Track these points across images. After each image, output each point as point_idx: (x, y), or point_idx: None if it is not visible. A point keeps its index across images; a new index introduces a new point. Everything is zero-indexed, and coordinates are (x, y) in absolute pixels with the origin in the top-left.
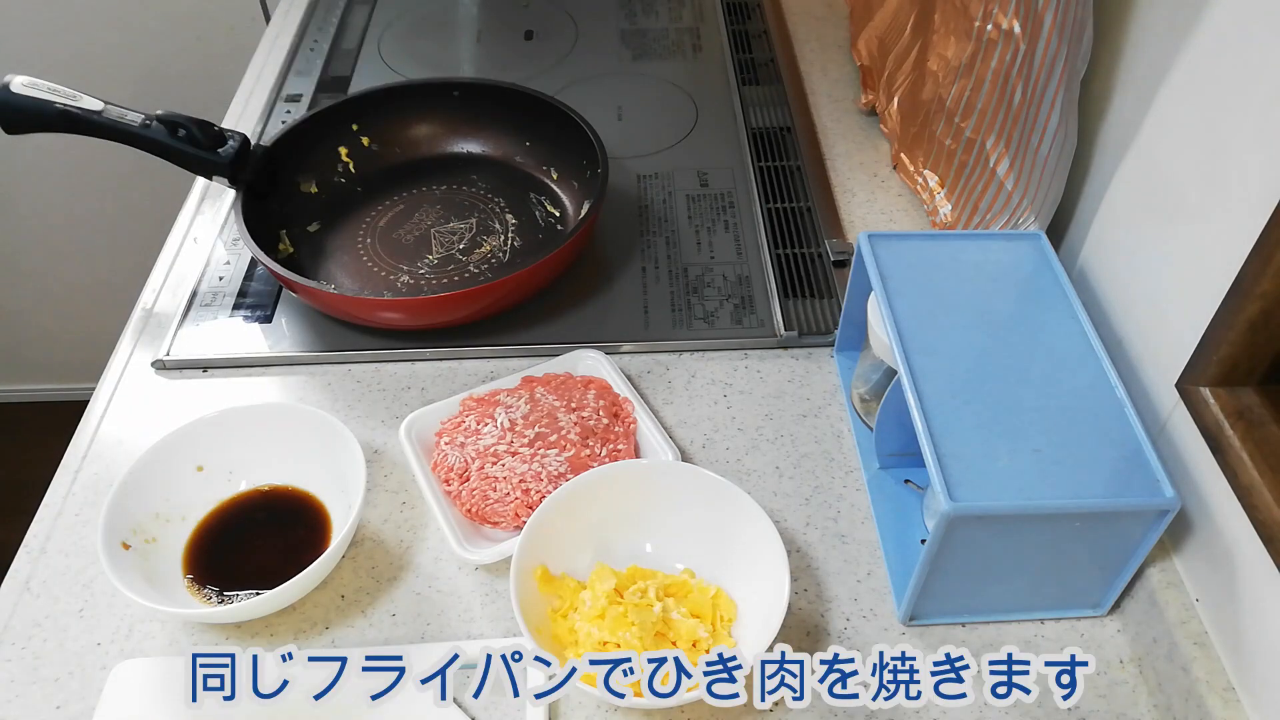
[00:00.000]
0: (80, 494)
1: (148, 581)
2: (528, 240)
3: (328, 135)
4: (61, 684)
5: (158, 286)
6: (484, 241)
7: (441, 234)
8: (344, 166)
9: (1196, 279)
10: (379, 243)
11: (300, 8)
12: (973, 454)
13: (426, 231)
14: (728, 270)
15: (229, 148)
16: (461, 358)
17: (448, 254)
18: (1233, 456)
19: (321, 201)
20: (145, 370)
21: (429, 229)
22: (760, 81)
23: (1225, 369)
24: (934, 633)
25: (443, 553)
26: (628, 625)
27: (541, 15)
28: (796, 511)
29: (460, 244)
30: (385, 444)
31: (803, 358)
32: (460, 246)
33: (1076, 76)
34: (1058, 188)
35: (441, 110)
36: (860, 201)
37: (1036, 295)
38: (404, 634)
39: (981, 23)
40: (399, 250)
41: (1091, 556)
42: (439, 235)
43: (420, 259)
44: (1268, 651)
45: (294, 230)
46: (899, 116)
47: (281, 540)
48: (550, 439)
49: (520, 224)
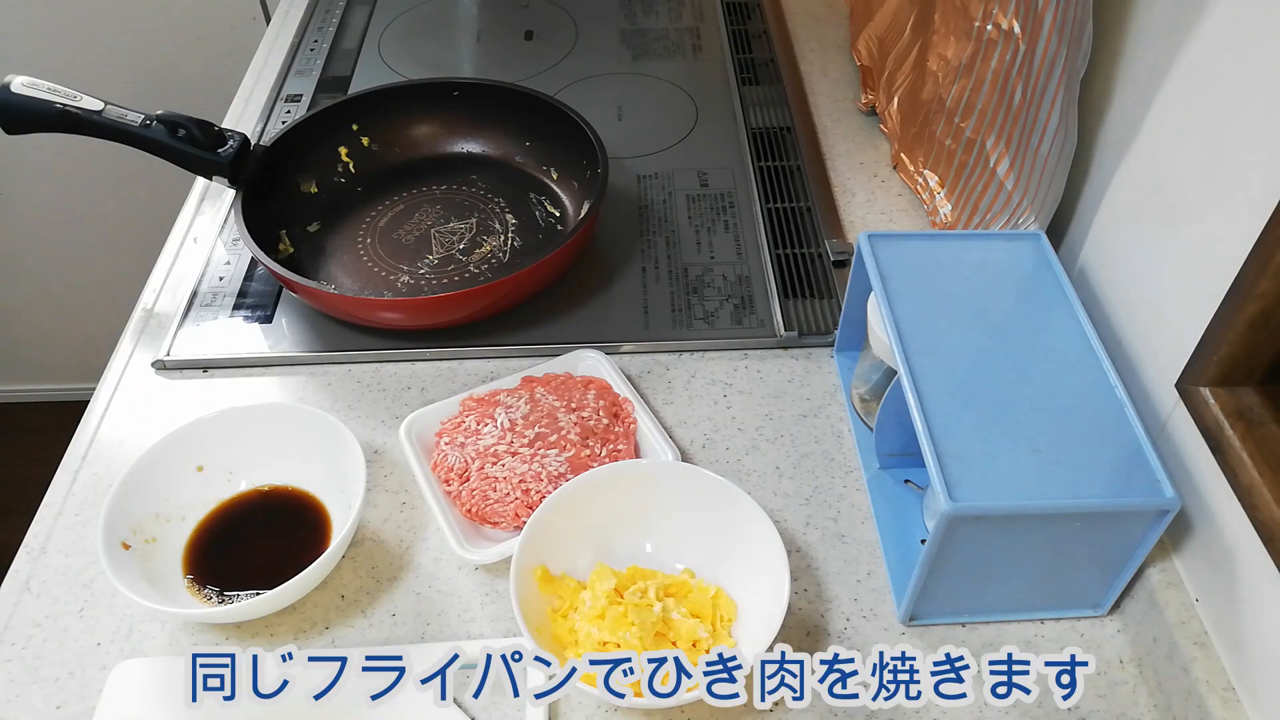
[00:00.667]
0: (80, 494)
1: (148, 581)
2: (528, 240)
3: (328, 135)
4: (61, 684)
5: (158, 286)
6: (484, 241)
7: (442, 234)
8: (344, 166)
9: (1196, 279)
10: (379, 243)
11: (300, 8)
12: (973, 454)
13: (426, 232)
14: (728, 270)
15: (229, 148)
16: (461, 358)
17: (448, 254)
18: (1233, 456)
19: (321, 201)
20: (145, 370)
21: (429, 229)
22: (760, 81)
23: (1225, 369)
24: (934, 633)
25: (443, 553)
26: (628, 625)
27: (541, 15)
28: (796, 511)
29: (460, 244)
30: (385, 444)
31: (803, 358)
32: (460, 247)
33: (1076, 76)
34: (1058, 188)
35: (441, 110)
36: (860, 201)
37: (1036, 295)
38: (404, 634)
39: (981, 23)
40: (399, 250)
41: (1091, 556)
42: (439, 235)
43: (420, 259)
44: (1268, 651)
45: (294, 230)
46: (899, 116)
47: (281, 540)
48: (550, 439)
49: (520, 224)
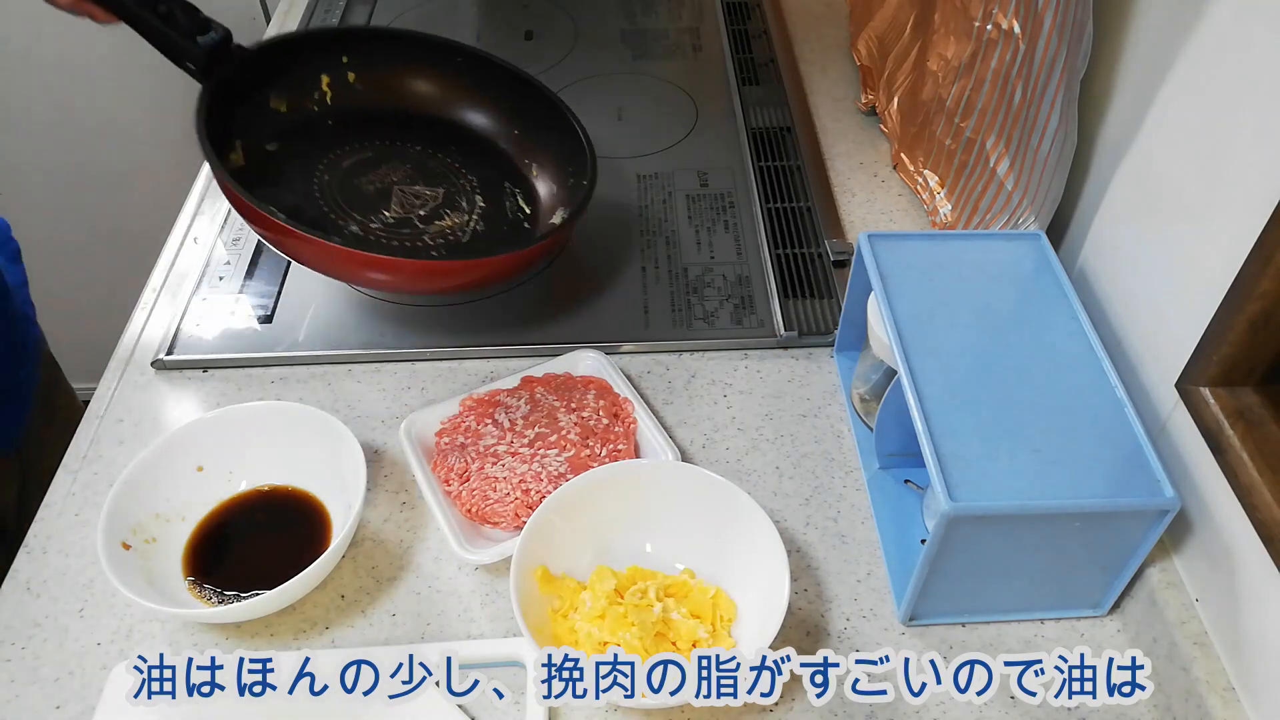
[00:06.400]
0: (80, 494)
1: (148, 582)
2: (491, 228)
3: (314, 59)
4: (61, 684)
5: (158, 287)
6: (446, 215)
7: (405, 194)
8: (321, 95)
9: (1196, 279)
10: (337, 184)
11: (300, 8)
12: (973, 454)
13: (390, 187)
14: (728, 270)
15: (210, 38)
16: (461, 358)
17: (406, 216)
18: (1233, 456)
19: (288, 123)
20: (145, 370)
21: (393, 185)
22: (760, 81)
23: (1225, 369)
24: (934, 633)
25: (443, 553)
26: (628, 626)
27: (541, 15)
28: (796, 511)
29: (421, 210)
30: (385, 444)
31: (803, 358)
32: (421, 213)
33: (1076, 76)
34: (1058, 188)
35: (439, 71)
36: (860, 201)
37: (1036, 295)
38: (404, 634)
39: (981, 23)
40: (355, 198)
41: (1091, 556)
42: (402, 195)
43: (375, 213)
44: (1268, 651)
45: (251, 142)
46: (899, 116)
47: (281, 540)
48: (550, 439)
49: (488, 210)
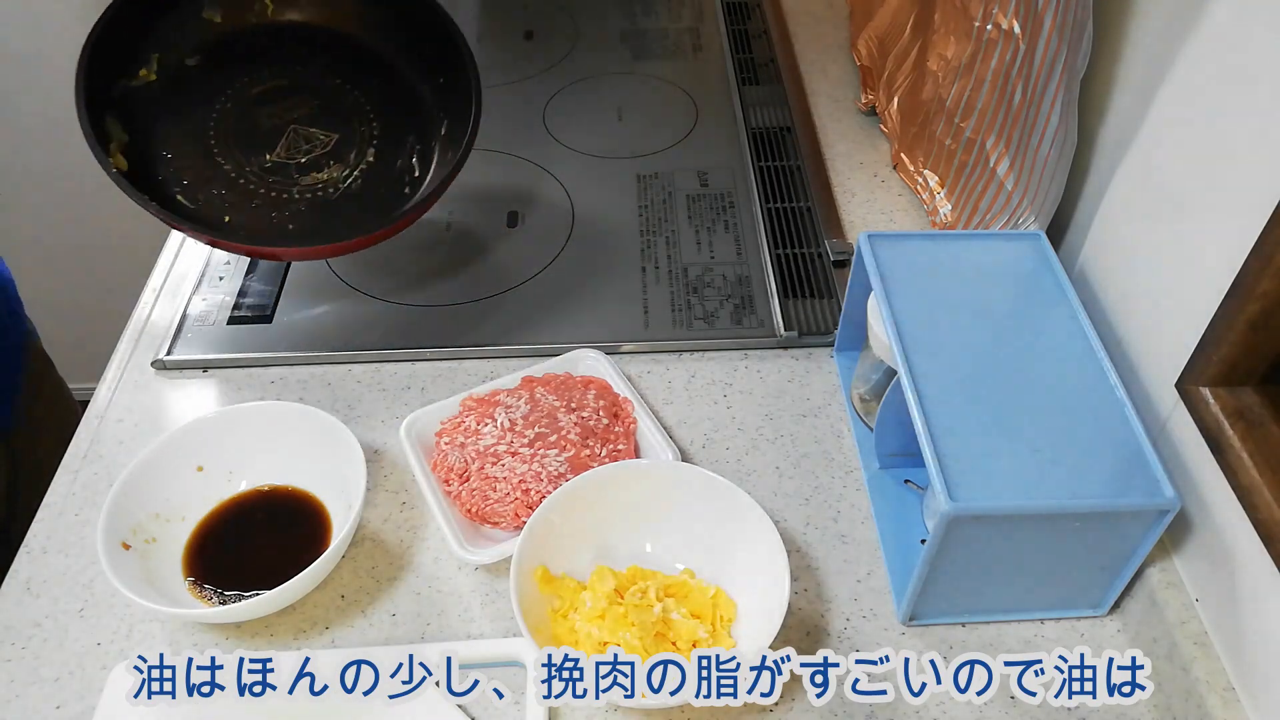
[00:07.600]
0: (80, 494)
1: (148, 582)
2: (366, 187)
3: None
4: (61, 684)
5: (158, 286)
6: (327, 166)
7: (297, 135)
8: (262, 7)
9: (1196, 279)
10: (236, 115)
11: None
12: (973, 454)
13: (286, 125)
14: (728, 270)
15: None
16: (461, 358)
17: (284, 163)
18: (1233, 456)
19: (213, 36)
20: (145, 370)
21: (290, 123)
22: (760, 81)
23: (1225, 369)
24: (934, 633)
25: (443, 553)
26: (628, 626)
27: (541, 15)
28: (796, 511)
29: (303, 158)
30: (385, 444)
31: (803, 358)
32: (301, 160)
33: (1076, 76)
34: (1058, 188)
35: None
36: (860, 201)
37: (1036, 295)
38: (404, 634)
39: (981, 23)
40: (248, 134)
41: (1091, 556)
42: (294, 135)
43: (257, 154)
44: (1268, 651)
45: (169, 56)
46: (899, 116)
47: (281, 540)
48: (550, 439)
49: (373, 165)
